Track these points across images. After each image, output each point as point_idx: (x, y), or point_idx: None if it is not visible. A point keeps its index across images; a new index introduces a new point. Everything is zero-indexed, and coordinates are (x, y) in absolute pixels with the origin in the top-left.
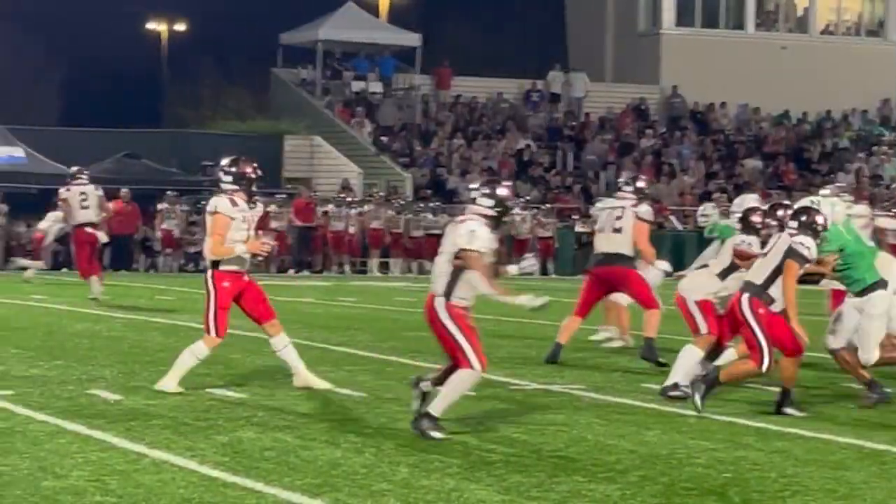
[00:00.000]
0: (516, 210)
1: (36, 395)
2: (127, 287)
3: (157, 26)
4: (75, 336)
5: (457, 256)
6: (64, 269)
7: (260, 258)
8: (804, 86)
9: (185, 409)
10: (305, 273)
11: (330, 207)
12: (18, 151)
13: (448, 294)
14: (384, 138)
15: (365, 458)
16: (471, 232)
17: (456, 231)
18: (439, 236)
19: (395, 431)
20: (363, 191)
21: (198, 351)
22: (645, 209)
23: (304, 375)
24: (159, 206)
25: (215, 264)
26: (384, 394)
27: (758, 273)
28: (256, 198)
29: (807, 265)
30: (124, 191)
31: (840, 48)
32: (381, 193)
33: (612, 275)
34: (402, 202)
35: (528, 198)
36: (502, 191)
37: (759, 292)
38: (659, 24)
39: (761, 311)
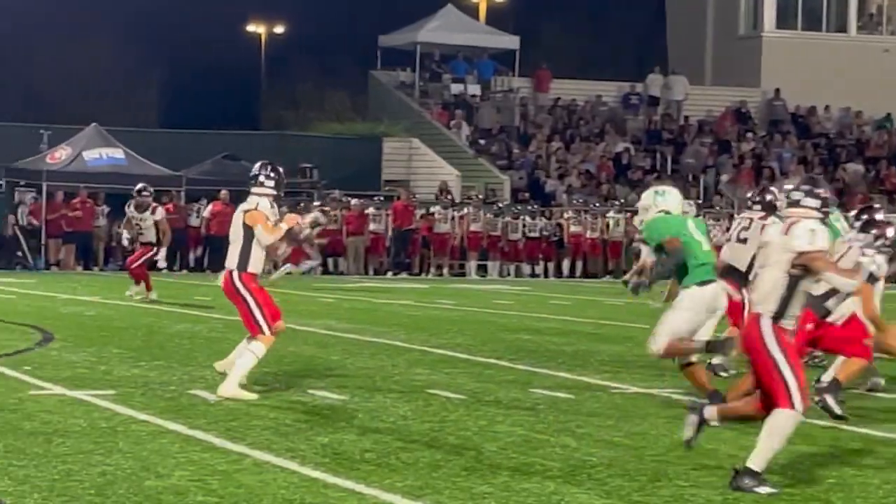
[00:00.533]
0: (610, 213)
1: (138, 395)
2: None
3: (256, 28)
4: (176, 336)
5: (794, 264)
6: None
7: (310, 229)
8: None
9: (286, 410)
10: (403, 275)
11: (437, 209)
12: (118, 153)
13: (779, 315)
14: (482, 141)
15: (465, 461)
16: (811, 231)
17: (787, 235)
18: (537, 239)
19: (495, 434)
20: (461, 193)
21: (258, 350)
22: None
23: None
24: None
25: (243, 267)
26: (484, 396)
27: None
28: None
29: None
30: (223, 192)
31: None
32: (480, 196)
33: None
34: (500, 205)
35: (622, 201)
36: (825, 191)
37: (816, 304)
38: (760, 26)
39: (808, 326)
